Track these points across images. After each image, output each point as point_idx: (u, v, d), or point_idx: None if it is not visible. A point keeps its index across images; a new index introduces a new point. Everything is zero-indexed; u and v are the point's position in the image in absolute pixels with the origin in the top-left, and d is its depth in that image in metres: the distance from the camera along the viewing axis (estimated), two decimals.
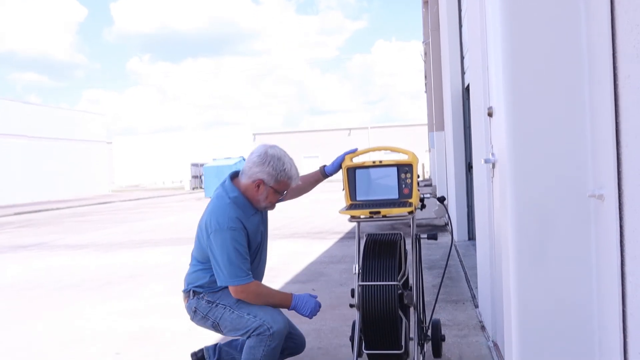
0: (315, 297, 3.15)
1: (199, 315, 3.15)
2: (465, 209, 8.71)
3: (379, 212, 3.08)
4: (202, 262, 3.17)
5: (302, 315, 3.08)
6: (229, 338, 3.36)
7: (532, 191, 1.85)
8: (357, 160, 3.30)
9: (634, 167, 1.41)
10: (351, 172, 3.27)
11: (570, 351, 1.82)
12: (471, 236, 8.55)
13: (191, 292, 3.19)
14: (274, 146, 3.17)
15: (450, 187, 9.39)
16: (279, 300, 3.09)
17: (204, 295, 3.14)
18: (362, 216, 3.19)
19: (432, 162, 18.61)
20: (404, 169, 3.21)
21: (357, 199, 3.25)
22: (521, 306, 1.87)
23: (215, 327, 3.13)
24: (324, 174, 3.44)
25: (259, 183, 3.10)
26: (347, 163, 3.28)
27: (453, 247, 8.02)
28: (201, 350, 3.38)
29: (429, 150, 20.12)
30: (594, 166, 1.72)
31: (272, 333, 2.97)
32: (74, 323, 5.23)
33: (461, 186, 8.79)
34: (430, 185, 20.00)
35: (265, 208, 3.21)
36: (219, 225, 2.99)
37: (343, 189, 3.30)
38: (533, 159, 1.87)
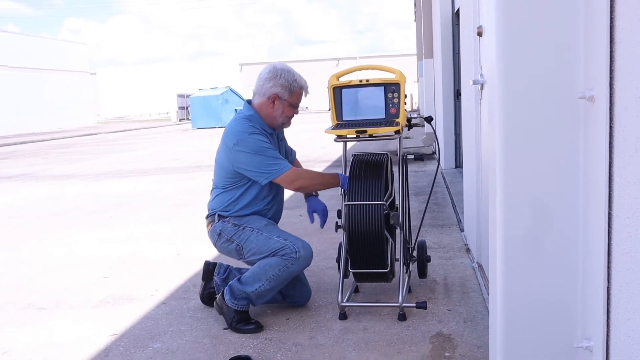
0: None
1: (223, 239, 3.17)
2: (453, 137, 8.70)
3: (365, 132, 3.04)
4: (223, 187, 3.21)
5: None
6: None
7: (521, 101, 1.80)
8: (344, 79, 3.23)
9: (628, 63, 1.36)
10: (337, 92, 3.19)
11: (554, 256, 1.82)
12: (458, 164, 8.57)
13: (216, 215, 3.22)
14: (280, 63, 3.24)
15: (438, 115, 9.34)
16: (329, 178, 3.17)
17: (230, 219, 3.18)
18: (348, 135, 3.14)
19: (421, 92, 18.47)
20: (391, 88, 3.14)
21: (344, 118, 3.19)
22: (507, 220, 1.86)
23: (239, 251, 3.14)
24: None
25: (274, 98, 3.16)
26: (333, 82, 3.20)
27: (440, 175, 8.05)
28: (214, 264, 3.45)
29: (418, 81, 19.93)
30: (585, 68, 1.67)
31: (299, 257, 3.01)
32: (61, 249, 5.24)
33: (449, 114, 8.75)
34: (418, 124, 19.96)
35: (282, 125, 3.26)
36: (241, 135, 3.05)
37: (329, 109, 3.23)
38: (522, 71, 1.81)
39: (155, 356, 2.91)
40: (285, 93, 3.15)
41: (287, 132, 3.55)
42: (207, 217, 3.31)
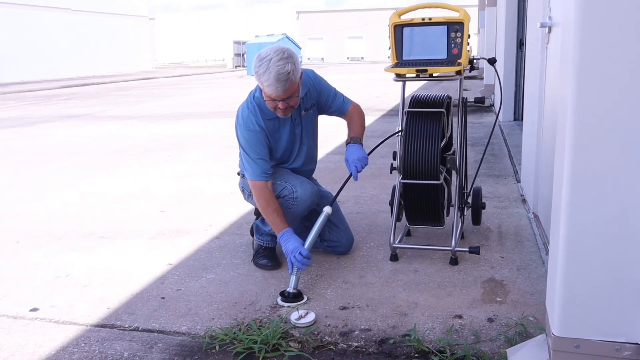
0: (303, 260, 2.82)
1: (246, 193, 3.28)
2: (513, 89, 8.45)
3: (425, 71, 2.96)
4: None
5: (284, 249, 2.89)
6: None
7: (599, 40, 1.69)
8: (406, 17, 3.13)
9: None
10: (398, 30, 3.10)
11: (626, 195, 1.73)
12: (517, 116, 8.34)
13: (239, 174, 3.34)
14: (272, 47, 2.85)
15: (499, 67, 9.05)
16: (272, 221, 2.96)
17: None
18: (407, 75, 3.07)
19: (481, 44, 17.90)
20: (454, 28, 3.03)
21: (404, 58, 3.11)
22: (576, 158, 1.77)
23: None
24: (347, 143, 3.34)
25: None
26: (394, 20, 3.11)
27: (497, 127, 7.85)
28: None
29: (478, 32, 19.32)
30: None
31: (296, 197, 3.01)
32: (120, 184, 5.39)
33: (510, 65, 8.48)
34: (477, 68, 19.43)
35: (277, 113, 2.97)
36: (238, 121, 3.03)
37: (389, 48, 3.16)
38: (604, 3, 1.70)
39: (209, 285, 2.99)
40: (259, 84, 2.87)
41: (342, 81, 3.47)
42: (238, 174, 3.42)
